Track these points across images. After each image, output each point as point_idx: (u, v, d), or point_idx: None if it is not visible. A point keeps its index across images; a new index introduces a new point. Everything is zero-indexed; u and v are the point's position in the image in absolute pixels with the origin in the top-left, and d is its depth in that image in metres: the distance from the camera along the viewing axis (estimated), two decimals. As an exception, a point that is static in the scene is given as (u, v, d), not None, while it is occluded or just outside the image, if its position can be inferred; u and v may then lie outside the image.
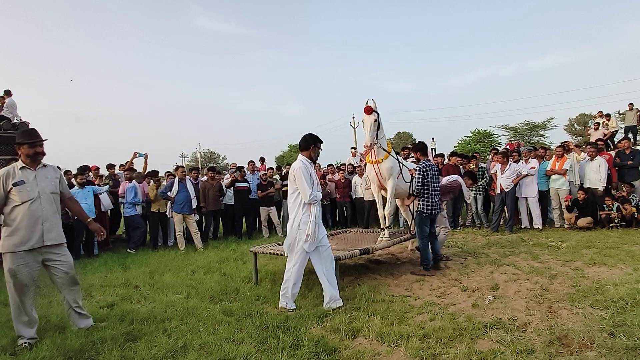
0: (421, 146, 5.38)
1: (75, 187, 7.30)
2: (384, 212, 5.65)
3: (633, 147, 8.35)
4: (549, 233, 7.50)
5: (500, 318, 3.31)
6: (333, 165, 10.98)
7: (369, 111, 5.09)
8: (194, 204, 7.86)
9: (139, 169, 8.95)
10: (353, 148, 12.05)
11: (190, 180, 8.09)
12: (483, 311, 3.53)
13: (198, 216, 8.34)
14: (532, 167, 7.94)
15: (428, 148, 6.29)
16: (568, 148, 8.18)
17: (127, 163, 8.92)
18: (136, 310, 3.97)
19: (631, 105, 12.51)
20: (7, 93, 9.10)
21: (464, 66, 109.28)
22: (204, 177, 9.17)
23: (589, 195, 7.67)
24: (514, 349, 2.71)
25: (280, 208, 9.52)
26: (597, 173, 7.64)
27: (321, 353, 2.85)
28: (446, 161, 9.17)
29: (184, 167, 8.49)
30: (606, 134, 12.41)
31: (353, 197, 9.54)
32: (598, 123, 13.03)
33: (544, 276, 4.48)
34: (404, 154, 8.39)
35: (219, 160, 52.64)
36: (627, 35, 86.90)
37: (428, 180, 5.02)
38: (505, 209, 8.18)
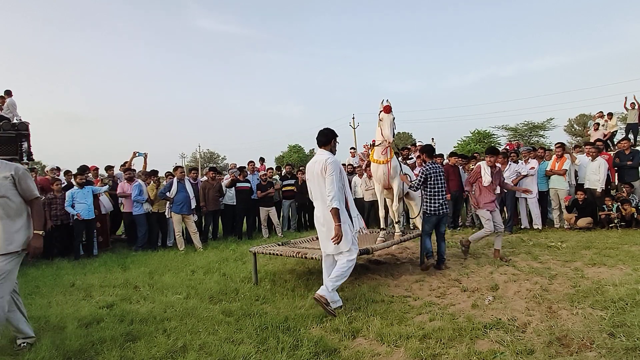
0: (427, 149, 5.59)
1: (74, 187, 7.32)
2: (393, 210, 5.81)
3: (632, 148, 8.35)
4: (549, 233, 7.50)
5: (500, 318, 3.31)
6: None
7: (389, 110, 5.39)
8: (193, 204, 7.85)
9: (139, 169, 8.95)
10: (352, 148, 12.06)
11: (189, 180, 8.09)
12: (483, 311, 3.53)
13: (197, 216, 8.32)
14: (532, 168, 7.95)
15: (434, 149, 6.42)
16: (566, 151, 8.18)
17: (127, 163, 8.92)
18: (135, 310, 3.96)
19: (633, 104, 12.54)
20: (8, 93, 9.10)
21: (464, 66, 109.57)
22: (204, 177, 9.18)
23: (589, 195, 7.68)
24: (514, 350, 2.71)
25: (280, 208, 9.53)
26: (597, 174, 7.65)
27: (321, 353, 2.85)
28: (446, 161, 9.17)
29: (183, 168, 8.48)
30: (606, 134, 12.42)
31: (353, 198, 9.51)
32: (598, 124, 13.02)
33: (544, 276, 4.49)
34: (404, 154, 8.42)
35: (219, 160, 52.71)
36: (627, 35, 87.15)
37: (431, 181, 5.18)
38: (505, 210, 8.18)
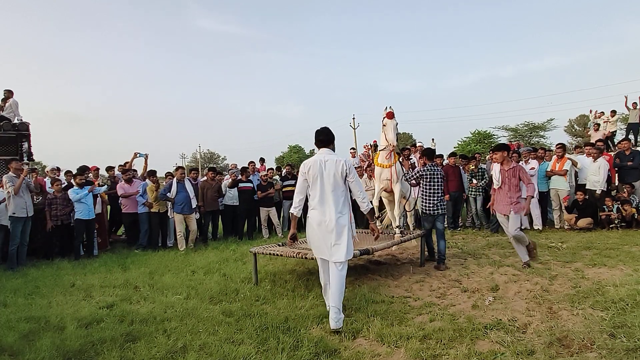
0: (427, 152, 5.85)
1: (74, 187, 7.32)
2: (394, 214, 6.03)
3: (633, 148, 8.35)
4: (549, 234, 7.50)
5: (500, 319, 3.31)
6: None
7: (392, 116, 5.64)
8: (194, 204, 7.87)
9: (139, 170, 8.94)
10: (352, 149, 12.08)
11: (189, 180, 8.10)
12: (483, 312, 3.53)
13: (199, 214, 8.35)
14: (532, 168, 7.94)
15: (435, 151, 6.63)
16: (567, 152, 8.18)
17: (127, 163, 8.91)
18: (136, 310, 3.96)
19: (635, 104, 12.57)
20: (10, 93, 9.10)
21: (464, 67, 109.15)
22: (204, 178, 9.18)
23: (589, 196, 7.67)
24: (514, 350, 2.71)
25: (280, 209, 9.52)
26: (596, 175, 7.65)
27: (321, 354, 2.85)
28: (446, 162, 9.19)
29: (184, 168, 8.48)
30: (606, 134, 12.42)
31: (353, 198, 9.51)
32: (598, 124, 13.03)
33: (544, 277, 4.48)
34: (405, 155, 8.45)
35: (219, 160, 52.70)
36: (627, 35, 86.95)
37: (426, 181, 5.41)
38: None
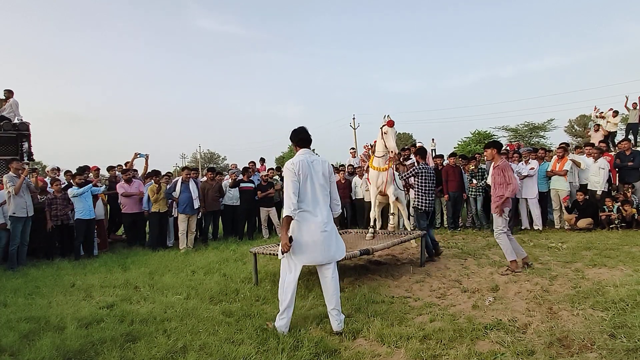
0: (420, 151, 6.10)
1: (74, 187, 7.32)
2: (404, 220, 6.50)
3: (633, 149, 8.35)
4: (549, 234, 7.49)
5: (500, 319, 3.31)
6: (333, 166, 10.97)
7: (392, 124, 5.92)
8: (196, 205, 7.89)
9: (140, 170, 8.94)
10: (352, 149, 12.09)
11: (194, 181, 8.12)
12: (483, 312, 3.53)
13: (201, 213, 8.37)
14: (532, 168, 7.94)
15: (427, 151, 6.97)
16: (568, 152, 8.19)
17: (128, 164, 8.92)
18: (136, 310, 3.96)
19: (635, 104, 12.58)
20: (10, 93, 9.11)
21: (464, 67, 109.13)
22: (204, 178, 9.17)
23: (589, 196, 7.67)
24: (514, 350, 2.71)
25: (280, 209, 9.51)
26: (597, 176, 7.65)
27: (321, 354, 2.85)
28: (446, 162, 9.19)
29: (189, 169, 8.49)
30: (605, 134, 12.41)
31: (353, 198, 9.53)
32: (598, 125, 13.02)
33: (544, 277, 4.48)
34: (405, 155, 8.45)
35: (219, 160, 52.68)
36: (627, 35, 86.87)
37: (421, 179, 5.75)
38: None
